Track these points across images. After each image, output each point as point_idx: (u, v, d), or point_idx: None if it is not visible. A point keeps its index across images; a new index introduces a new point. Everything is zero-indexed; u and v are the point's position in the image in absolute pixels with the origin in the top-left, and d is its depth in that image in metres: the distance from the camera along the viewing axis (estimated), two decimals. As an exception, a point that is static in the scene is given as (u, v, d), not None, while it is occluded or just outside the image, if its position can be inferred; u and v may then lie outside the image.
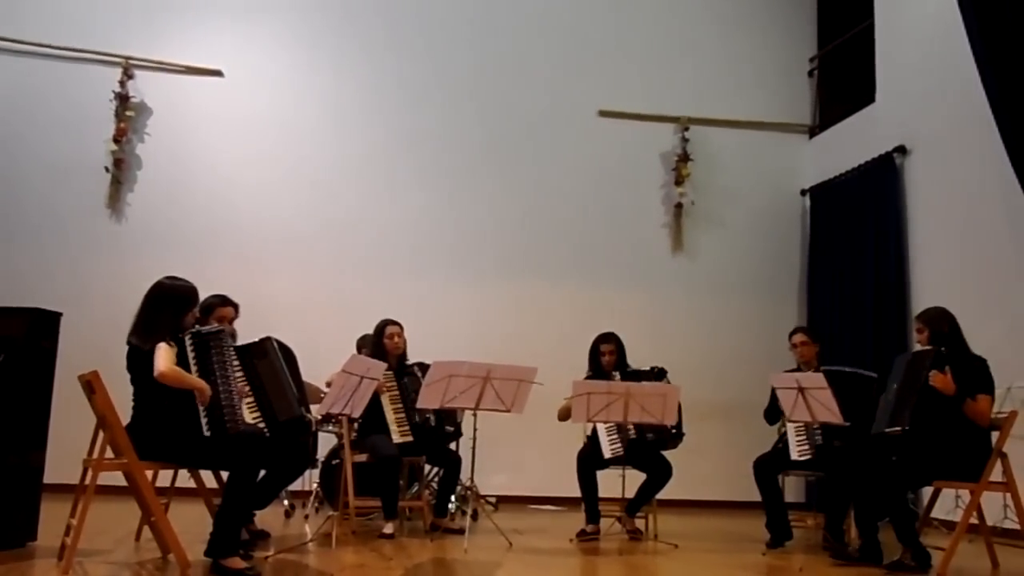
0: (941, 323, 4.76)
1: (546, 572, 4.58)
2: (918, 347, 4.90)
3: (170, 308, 4.03)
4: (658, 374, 5.70)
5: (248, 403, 4.48)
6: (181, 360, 3.94)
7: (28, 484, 4.42)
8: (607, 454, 5.54)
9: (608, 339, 5.85)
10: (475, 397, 4.98)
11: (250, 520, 4.93)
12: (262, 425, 4.48)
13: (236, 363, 4.33)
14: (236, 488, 3.90)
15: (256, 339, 4.68)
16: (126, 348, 4.00)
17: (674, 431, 5.60)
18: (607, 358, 5.79)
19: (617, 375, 5.73)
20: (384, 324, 5.73)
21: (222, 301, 4.82)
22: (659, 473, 5.62)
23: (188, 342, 4.01)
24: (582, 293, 8.28)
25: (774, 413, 5.61)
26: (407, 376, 5.67)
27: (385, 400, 5.50)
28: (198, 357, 4.01)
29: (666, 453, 5.68)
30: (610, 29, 8.79)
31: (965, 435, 4.58)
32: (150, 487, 4.07)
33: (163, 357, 3.83)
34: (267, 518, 5.23)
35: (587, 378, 5.74)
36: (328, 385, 5.36)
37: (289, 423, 4.63)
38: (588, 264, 8.42)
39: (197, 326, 4.21)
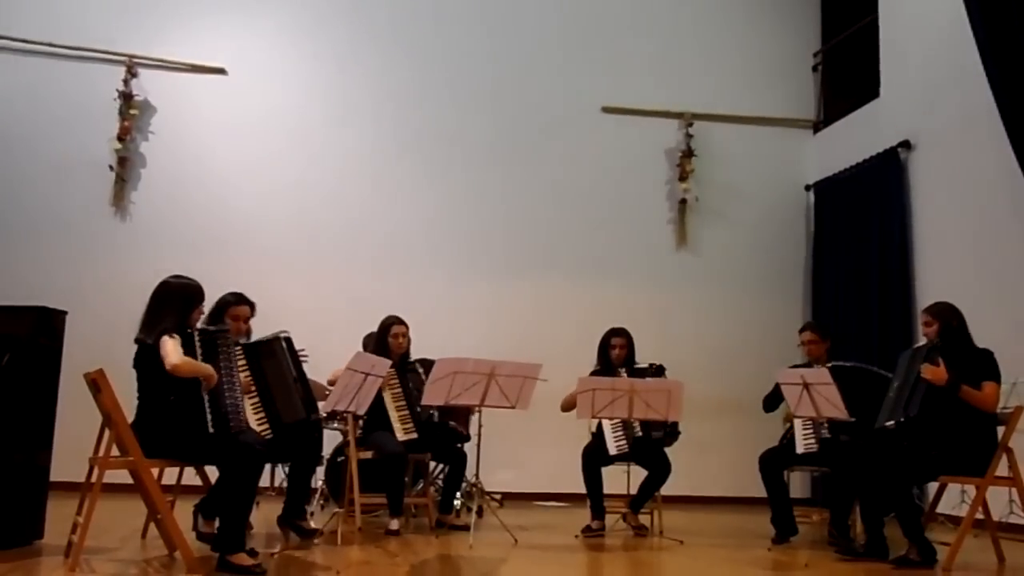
0: (950, 317, 4.76)
1: (551, 568, 4.58)
2: (923, 340, 4.89)
3: (176, 306, 4.04)
4: (656, 371, 5.69)
5: (252, 403, 4.49)
6: (188, 354, 3.95)
7: (34, 482, 4.43)
8: (612, 451, 5.54)
9: (619, 333, 5.85)
10: (480, 394, 4.98)
11: (302, 516, 4.99)
12: (265, 427, 4.49)
13: (242, 363, 4.35)
14: (240, 486, 3.90)
15: (266, 337, 4.68)
16: (134, 347, 4.01)
17: (668, 429, 5.60)
18: (617, 351, 5.79)
19: (624, 371, 5.73)
20: (390, 322, 5.72)
21: (237, 300, 4.78)
22: (659, 470, 5.63)
23: (196, 339, 4.02)
24: (586, 289, 8.28)
25: (773, 401, 5.60)
26: (409, 373, 5.67)
27: (388, 398, 5.50)
28: (205, 354, 4.02)
29: (670, 449, 5.69)
30: (613, 25, 8.78)
31: (970, 430, 4.57)
32: (156, 485, 4.09)
33: (172, 349, 3.83)
34: (271, 515, 5.23)
35: (595, 371, 5.74)
36: (331, 383, 5.37)
37: (293, 423, 4.64)
38: (592, 260, 8.41)
39: (203, 324, 4.22)
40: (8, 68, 7.79)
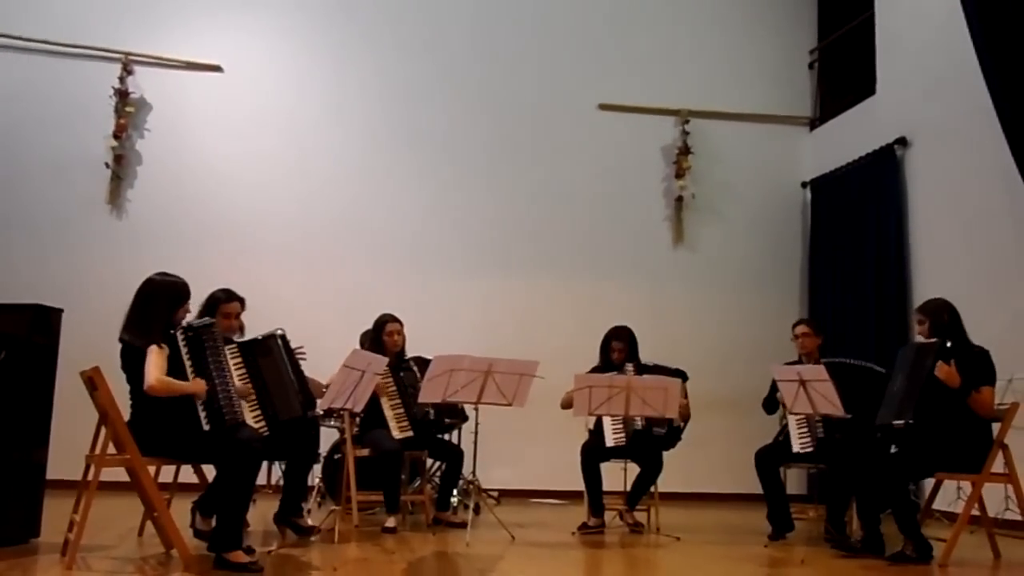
0: (941, 314, 4.75)
1: (548, 565, 4.58)
2: (919, 339, 4.89)
3: (162, 304, 4.01)
4: (675, 374, 5.64)
5: (249, 401, 4.49)
6: (174, 358, 3.93)
7: (31, 480, 4.42)
8: (609, 442, 5.54)
9: (620, 336, 5.81)
10: (476, 391, 4.98)
11: (299, 514, 4.97)
12: (262, 424, 4.49)
13: (235, 355, 4.35)
14: (236, 484, 3.90)
15: (261, 335, 4.68)
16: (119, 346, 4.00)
17: (671, 430, 5.60)
18: (616, 354, 5.77)
19: (630, 368, 5.71)
20: (384, 320, 5.71)
21: (227, 296, 4.75)
22: (651, 467, 5.63)
23: (180, 339, 3.99)
24: (583, 286, 8.29)
25: (772, 403, 5.62)
26: (404, 372, 5.67)
27: (382, 397, 5.49)
28: (191, 352, 3.99)
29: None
30: (610, 23, 8.78)
31: (966, 427, 4.58)
32: (152, 482, 4.08)
33: (152, 366, 3.81)
34: (268, 512, 5.23)
35: (595, 369, 5.73)
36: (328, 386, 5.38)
37: (290, 421, 4.64)
38: (589, 257, 8.42)
39: (188, 320, 4.19)
40: (4, 66, 7.77)
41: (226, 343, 4.34)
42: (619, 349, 5.78)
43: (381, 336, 5.65)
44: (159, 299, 4.03)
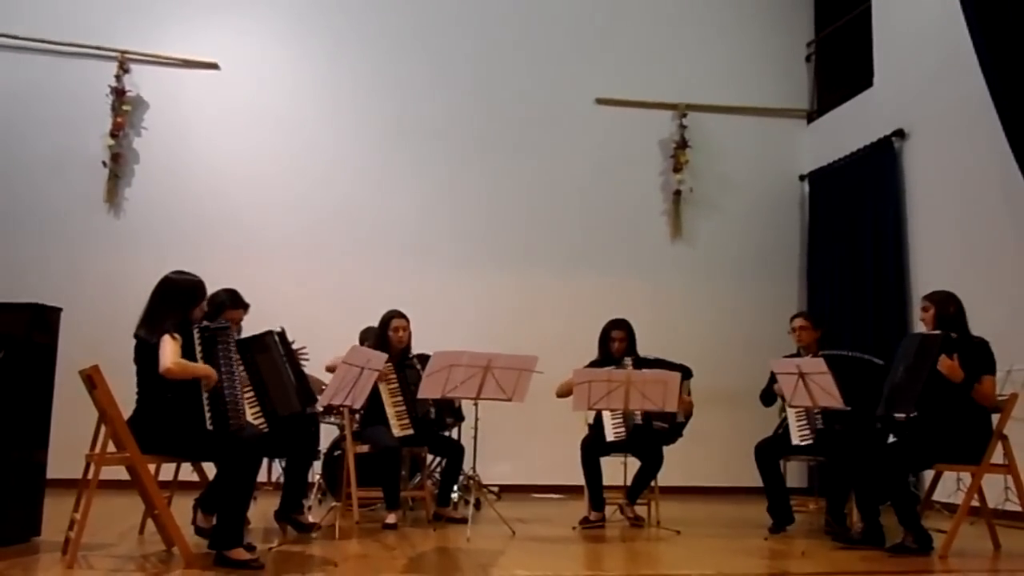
0: (948, 305, 4.76)
1: (549, 560, 4.58)
2: (922, 328, 4.89)
3: (178, 303, 4.04)
4: (679, 370, 5.62)
5: (248, 398, 4.49)
6: (187, 352, 3.94)
7: (31, 480, 4.42)
8: (610, 436, 5.53)
9: (619, 326, 5.81)
10: (476, 387, 4.98)
11: (299, 511, 4.98)
12: (261, 421, 4.49)
13: (240, 360, 4.34)
14: (237, 481, 3.90)
15: (257, 333, 4.68)
16: (130, 343, 4.00)
17: (673, 426, 5.60)
18: (616, 345, 5.77)
19: (629, 362, 5.71)
20: (390, 316, 5.71)
21: (233, 302, 4.75)
22: (652, 461, 5.63)
23: (196, 336, 4.01)
24: (581, 281, 8.29)
25: (769, 396, 5.62)
26: (407, 369, 5.66)
27: (384, 393, 5.49)
28: (204, 351, 4.01)
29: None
30: (607, 16, 8.76)
31: (966, 418, 4.59)
32: (153, 480, 4.08)
33: (168, 351, 3.83)
34: (269, 510, 5.23)
35: (593, 363, 5.71)
36: (328, 369, 5.37)
37: (290, 418, 4.64)
38: (587, 252, 8.42)
39: (205, 321, 4.21)
40: (0, 65, 7.76)
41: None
42: (619, 338, 5.77)
43: (387, 332, 5.65)
44: (175, 298, 4.06)
